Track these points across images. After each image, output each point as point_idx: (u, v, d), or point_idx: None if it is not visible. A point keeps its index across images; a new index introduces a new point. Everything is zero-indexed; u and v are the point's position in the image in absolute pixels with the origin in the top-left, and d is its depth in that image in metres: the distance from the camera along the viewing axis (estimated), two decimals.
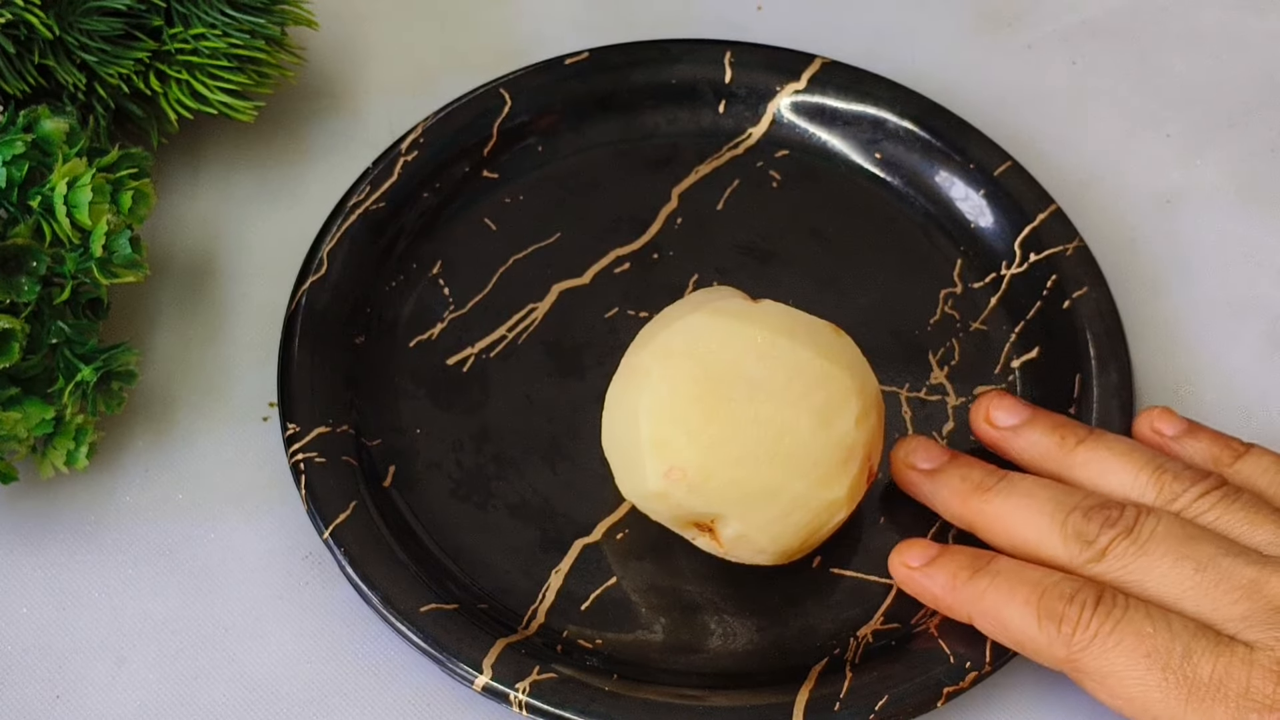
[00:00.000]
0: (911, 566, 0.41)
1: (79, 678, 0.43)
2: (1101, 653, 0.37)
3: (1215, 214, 0.54)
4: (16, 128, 0.44)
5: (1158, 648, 0.37)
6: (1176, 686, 0.36)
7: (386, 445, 0.46)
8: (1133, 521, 0.39)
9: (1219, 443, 0.43)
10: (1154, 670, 0.36)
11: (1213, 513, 0.40)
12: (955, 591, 0.40)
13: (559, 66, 0.53)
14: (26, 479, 0.45)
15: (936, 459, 0.43)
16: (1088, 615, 0.38)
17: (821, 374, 0.40)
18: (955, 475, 0.42)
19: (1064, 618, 0.38)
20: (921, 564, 0.41)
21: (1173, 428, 0.43)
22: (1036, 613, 0.38)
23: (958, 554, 0.41)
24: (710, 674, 0.42)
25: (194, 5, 0.48)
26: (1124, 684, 0.37)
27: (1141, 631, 0.37)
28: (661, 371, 0.40)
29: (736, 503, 0.40)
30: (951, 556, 0.41)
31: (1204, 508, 0.40)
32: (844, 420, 0.40)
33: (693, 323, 0.41)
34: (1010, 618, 0.39)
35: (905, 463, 0.43)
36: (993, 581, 0.39)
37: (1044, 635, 0.38)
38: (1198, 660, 0.36)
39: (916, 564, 0.41)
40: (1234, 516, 0.40)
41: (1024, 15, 0.59)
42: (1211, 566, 0.38)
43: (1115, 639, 0.37)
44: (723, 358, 0.40)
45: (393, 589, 0.42)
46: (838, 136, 0.53)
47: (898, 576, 0.42)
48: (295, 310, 0.47)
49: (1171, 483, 0.41)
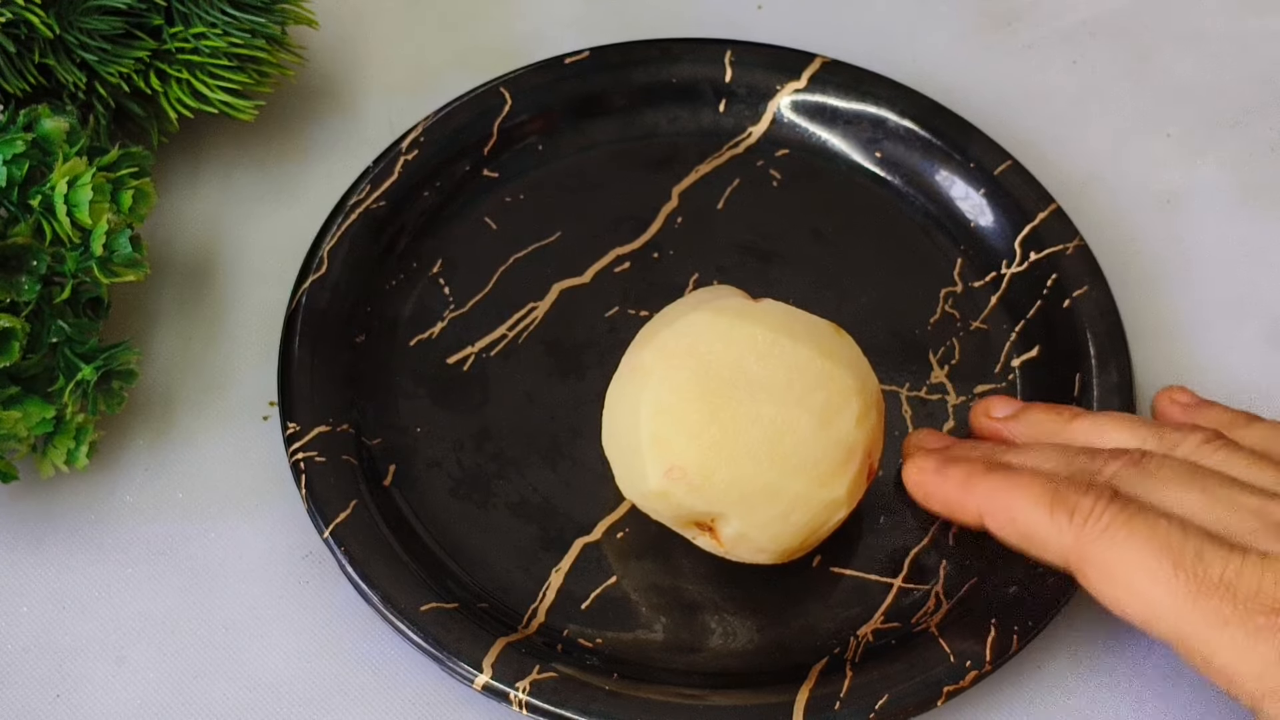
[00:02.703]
0: (926, 470, 0.41)
1: (79, 677, 0.43)
2: (1111, 544, 0.36)
3: (1215, 214, 0.54)
4: (17, 127, 0.44)
5: (1171, 544, 0.36)
6: (1186, 583, 0.35)
7: (387, 444, 0.46)
8: (1138, 458, 0.39)
9: (1230, 413, 0.43)
10: (1165, 564, 0.36)
11: (1215, 457, 0.39)
12: (969, 487, 0.40)
13: (559, 66, 0.53)
14: (27, 478, 0.45)
15: (945, 440, 0.43)
16: (1101, 506, 0.37)
17: (822, 373, 0.40)
18: (966, 447, 0.42)
19: (1077, 508, 0.37)
20: (936, 466, 0.41)
21: (1188, 398, 0.44)
22: (1050, 503, 0.38)
23: (972, 454, 0.41)
24: (710, 673, 0.42)
25: (194, 4, 0.48)
26: (1132, 577, 0.36)
27: (1155, 526, 0.36)
28: (662, 371, 0.40)
29: (737, 502, 0.40)
30: (966, 457, 0.41)
31: (1206, 453, 0.40)
32: (844, 420, 0.40)
33: (693, 322, 0.41)
34: (1021, 509, 0.38)
35: (915, 444, 0.43)
36: (1007, 476, 0.39)
37: (1054, 525, 0.37)
38: (1209, 560, 0.36)
39: (931, 467, 0.41)
40: (1237, 462, 0.39)
41: (1024, 15, 0.59)
42: (1219, 493, 0.38)
43: (1127, 531, 0.36)
44: (723, 357, 0.40)
45: (393, 588, 0.42)
46: (838, 136, 0.53)
47: (910, 483, 0.41)
48: (295, 309, 0.47)
49: (1172, 433, 0.41)
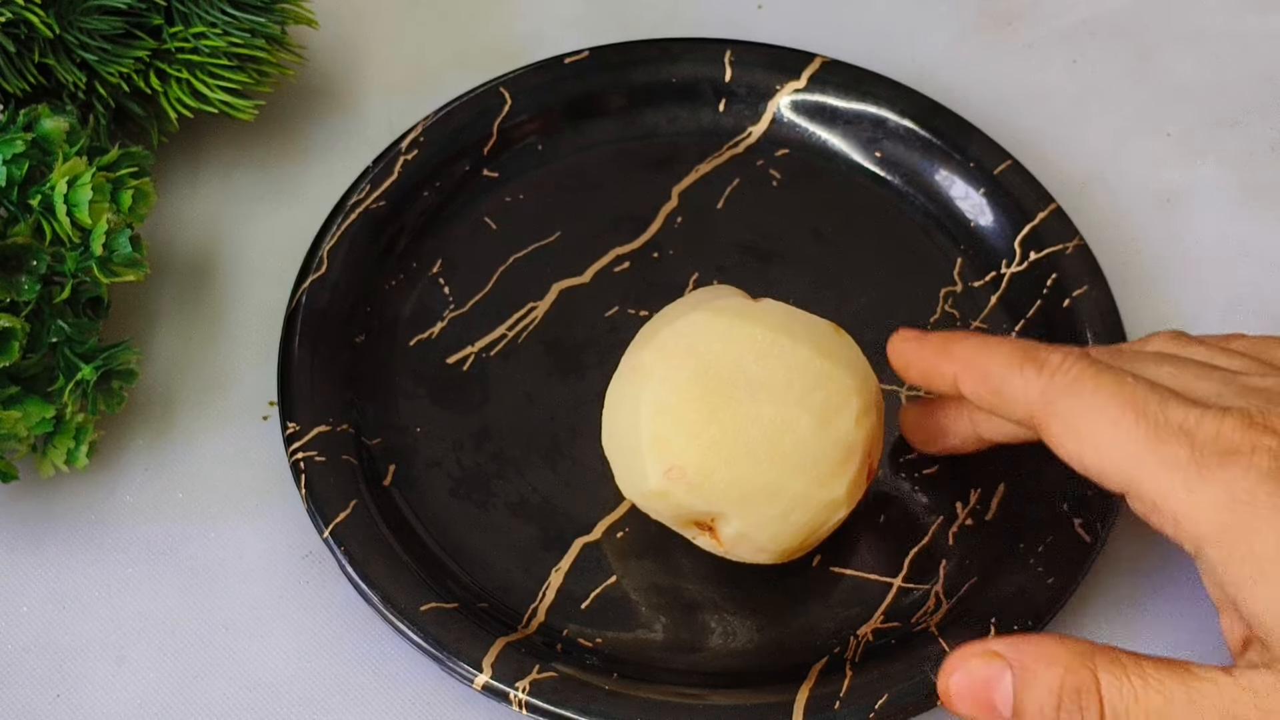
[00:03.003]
0: (907, 339, 0.41)
1: (79, 676, 0.43)
2: (1079, 395, 0.37)
3: (1215, 214, 0.54)
4: (17, 126, 0.44)
5: (1136, 396, 0.36)
6: (1146, 429, 0.36)
7: (386, 444, 0.46)
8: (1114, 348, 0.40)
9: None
10: (1127, 413, 0.36)
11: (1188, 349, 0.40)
12: (946, 349, 0.40)
13: (559, 65, 0.53)
14: (27, 478, 0.45)
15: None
16: (1070, 362, 0.37)
17: (821, 373, 0.40)
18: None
19: (1046, 362, 0.38)
20: (917, 335, 0.41)
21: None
22: (1021, 359, 0.38)
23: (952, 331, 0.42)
24: (710, 673, 0.42)
25: (194, 4, 0.48)
26: (1094, 425, 0.36)
27: (1122, 380, 0.37)
28: (662, 370, 0.40)
29: (736, 502, 0.40)
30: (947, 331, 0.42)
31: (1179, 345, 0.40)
32: (844, 419, 0.40)
33: (693, 321, 0.41)
34: (994, 366, 0.39)
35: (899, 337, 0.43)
36: (984, 339, 0.40)
37: (1023, 378, 0.38)
38: (1171, 410, 0.36)
39: (912, 336, 0.41)
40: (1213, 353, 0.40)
41: (1024, 14, 0.59)
42: (1189, 367, 0.38)
43: (1095, 384, 0.37)
44: (723, 357, 0.40)
45: (393, 588, 0.42)
46: (838, 135, 0.53)
47: (892, 353, 0.42)
48: (295, 309, 0.47)
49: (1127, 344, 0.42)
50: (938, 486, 0.46)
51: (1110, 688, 0.34)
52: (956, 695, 0.36)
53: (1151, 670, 0.34)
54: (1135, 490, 0.36)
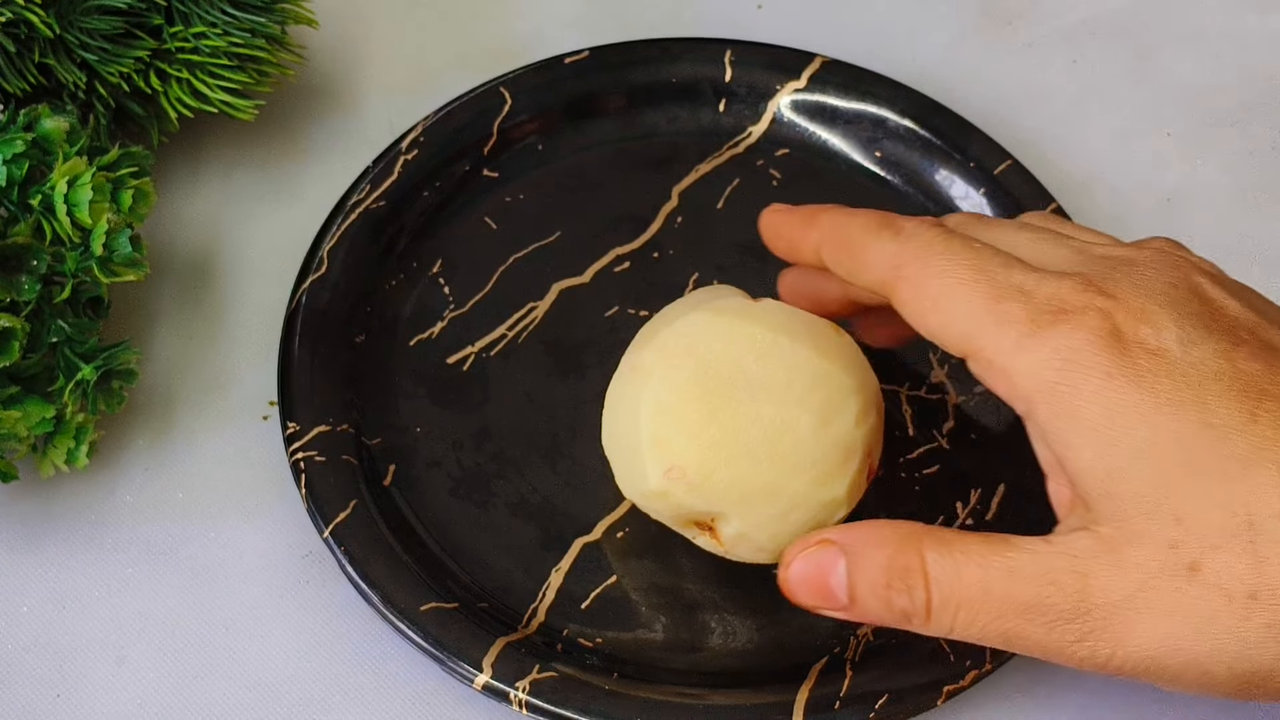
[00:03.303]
0: (778, 211, 0.43)
1: (79, 676, 0.43)
2: (928, 258, 0.37)
3: (1215, 214, 0.54)
4: (17, 126, 0.44)
5: (981, 258, 0.37)
6: (986, 288, 0.36)
7: (386, 444, 0.46)
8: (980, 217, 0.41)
9: None
10: (970, 273, 0.37)
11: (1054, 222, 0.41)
12: (812, 219, 0.41)
13: (559, 65, 0.53)
14: (27, 478, 0.45)
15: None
16: (925, 228, 0.38)
17: (821, 373, 0.40)
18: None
19: (902, 228, 0.38)
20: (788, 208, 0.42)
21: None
22: (879, 225, 0.39)
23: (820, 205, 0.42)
24: (710, 673, 0.42)
25: (194, 4, 0.48)
26: (939, 288, 0.37)
27: (969, 244, 0.37)
28: (662, 370, 0.40)
29: (736, 502, 0.40)
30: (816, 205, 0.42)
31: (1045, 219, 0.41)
32: (844, 419, 0.40)
33: (693, 321, 0.41)
34: (854, 232, 0.39)
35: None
36: (849, 210, 0.40)
37: (879, 242, 0.38)
38: (1014, 272, 0.37)
39: (783, 208, 0.43)
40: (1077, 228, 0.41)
41: (1024, 14, 0.59)
42: (1045, 236, 0.39)
43: (944, 246, 0.37)
44: (723, 357, 0.40)
45: (393, 588, 0.42)
46: (838, 135, 0.53)
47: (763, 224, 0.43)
48: (295, 309, 0.47)
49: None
50: (938, 486, 0.46)
51: (934, 564, 0.35)
52: (796, 585, 0.38)
53: (974, 545, 0.35)
54: (973, 348, 0.36)
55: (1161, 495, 0.34)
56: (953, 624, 0.36)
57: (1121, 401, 0.34)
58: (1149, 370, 0.34)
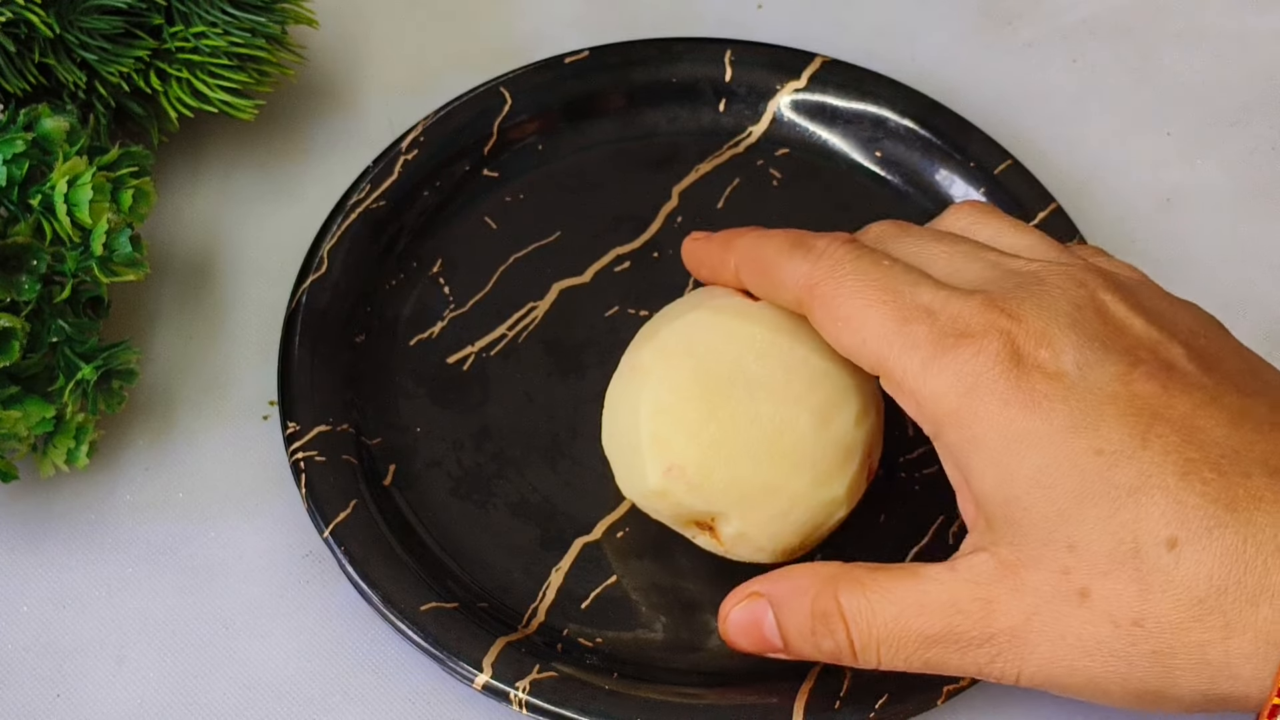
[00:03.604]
0: (698, 239, 0.43)
1: (79, 676, 0.43)
2: (840, 278, 0.38)
3: (1215, 214, 0.53)
4: (17, 126, 0.44)
5: (889, 278, 0.38)
6: (894, 309, 0.37)
7: (386, 444, 0.46)
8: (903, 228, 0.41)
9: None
10: (879, 293, 0.37)
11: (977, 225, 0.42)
12: (729, 244, 0.42)
13: (559, 65, 0.53)
14: (27, 477, 0.45)
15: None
16: (835, 246, 0.39)
17: (820, 372, 0.40)
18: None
19: (813, 247, 0.39)
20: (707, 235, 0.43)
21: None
22: (791, 246, 0.40)
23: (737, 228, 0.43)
24: (710, 673, 0.42)
25: (194, 4, 0.48)
26: (849, 308, 0.37)
27: (879, 263, 0.38)
28: (661, 370, 0.40)
29: (736, 501, 0.40)
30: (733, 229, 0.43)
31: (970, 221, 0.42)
32: (843, 418, 0.40)
33: (692, 320, 0.41)
34: (768, 254, 0.40)
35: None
36: (764, 232, 0.41)
37: (791, 263, 0.39)
38: (922, 292, 0.37)
39: (702, 236, 0.43)
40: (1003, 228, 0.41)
41: (1024, 14, 0.59)
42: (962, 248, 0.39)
43: (853, 266, 0.38)
44: (722, 356, 0.40)
45: (393, 588, 0.42)
46: (838, 135, 0.53)
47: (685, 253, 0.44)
48: (295, 309, 0.47)
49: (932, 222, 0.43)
50: (938, 486, 0.46)
51: (849, 607, 0.37)
52: (735, 635, 0.39)
53: (885, 582, 0.37)
54: (884, 370, 0.37)
55: (1055, 523, 0.34)
56: (879, 659, 0.37)
57: (1018, 429, 0.35)
58: (1044, 395, 0.35)
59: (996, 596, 0.35)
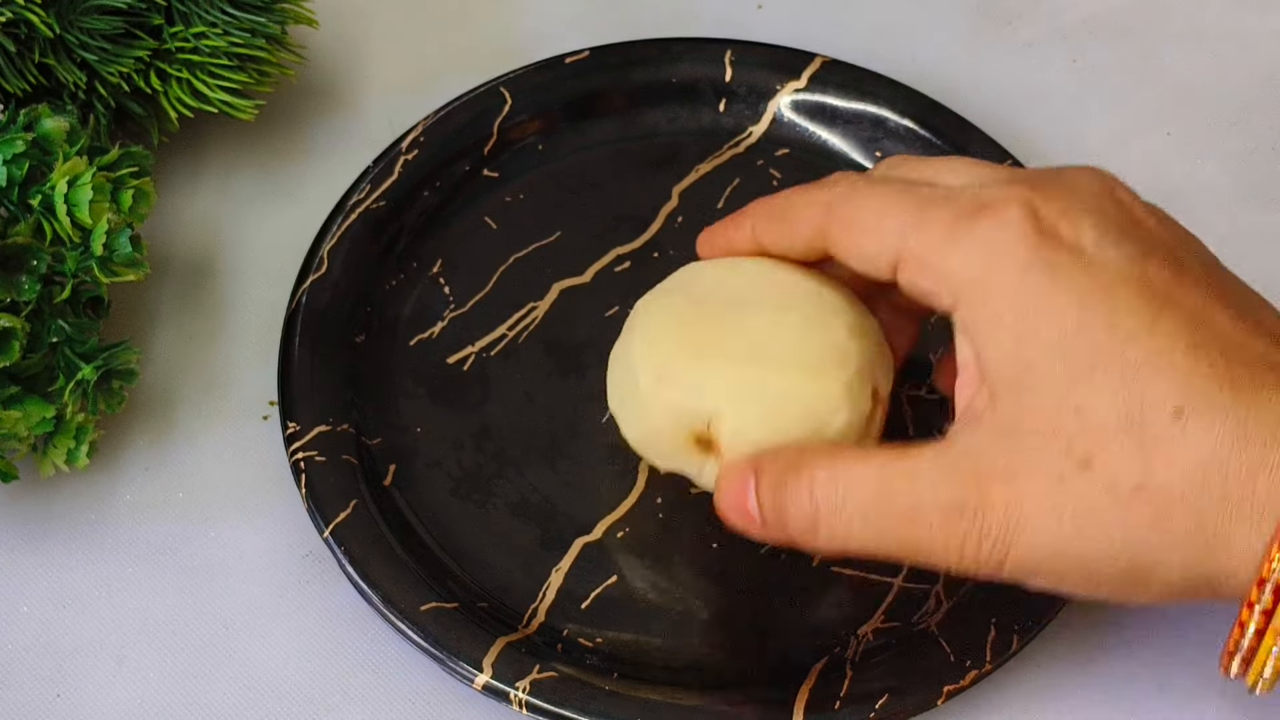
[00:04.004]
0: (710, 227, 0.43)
1: (79, 676, 0.43)
2: (856, 193, 0.39)
3: (1215, 214, 0.53)
4: (17, 126, 0.44)
5: (907, 185, 0.38)
6: (913, 201, 0.38)
7: (387, 444, 0.46)
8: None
9: None
10: (895, 195, 0.38)
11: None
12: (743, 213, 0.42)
13: (559, 65, 0.53)
14: (27, 477, 0.45)
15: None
16: (852, 177, 0.40)
17: (812, 290, 0.40)
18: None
19: (827, 181, 0.40)
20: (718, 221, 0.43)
21: None
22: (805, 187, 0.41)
23: None
24: (710, 673, 0.42)
25: (194, 4, 0.48)
26: (867, 214, 0.38)
27: (890, 178, 0.39)
28: (652, 310, 0.41)
29: (729, 395, 0.39)
30: None
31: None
32: (836, 327, 0.40)
33: (685, 270, 0.42)
34: (782, 199, 0.41)
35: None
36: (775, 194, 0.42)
37: (807, 199, 0.40)
38: (938, 188, 0.38)
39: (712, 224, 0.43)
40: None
41: (1025, 14, 0.59)
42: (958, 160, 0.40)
43: (867, 182, 0.39)
44: (713, 290, 0.41)
45: (393, 588, 0.42)
46: (838, 135, 0.53)
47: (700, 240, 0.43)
48: (296, 309, 0.47)
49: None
50: None
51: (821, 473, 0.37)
52: (726, 507, 0.39)
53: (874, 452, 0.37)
54: (904, 254, 0.37)
55: (1066, 387, 0.35)
56: (848, 531, 0.36)
57: (1037, 296, 0.35)
58: (1063, 265, 0.35)
59: (993, 465, 0.35)
